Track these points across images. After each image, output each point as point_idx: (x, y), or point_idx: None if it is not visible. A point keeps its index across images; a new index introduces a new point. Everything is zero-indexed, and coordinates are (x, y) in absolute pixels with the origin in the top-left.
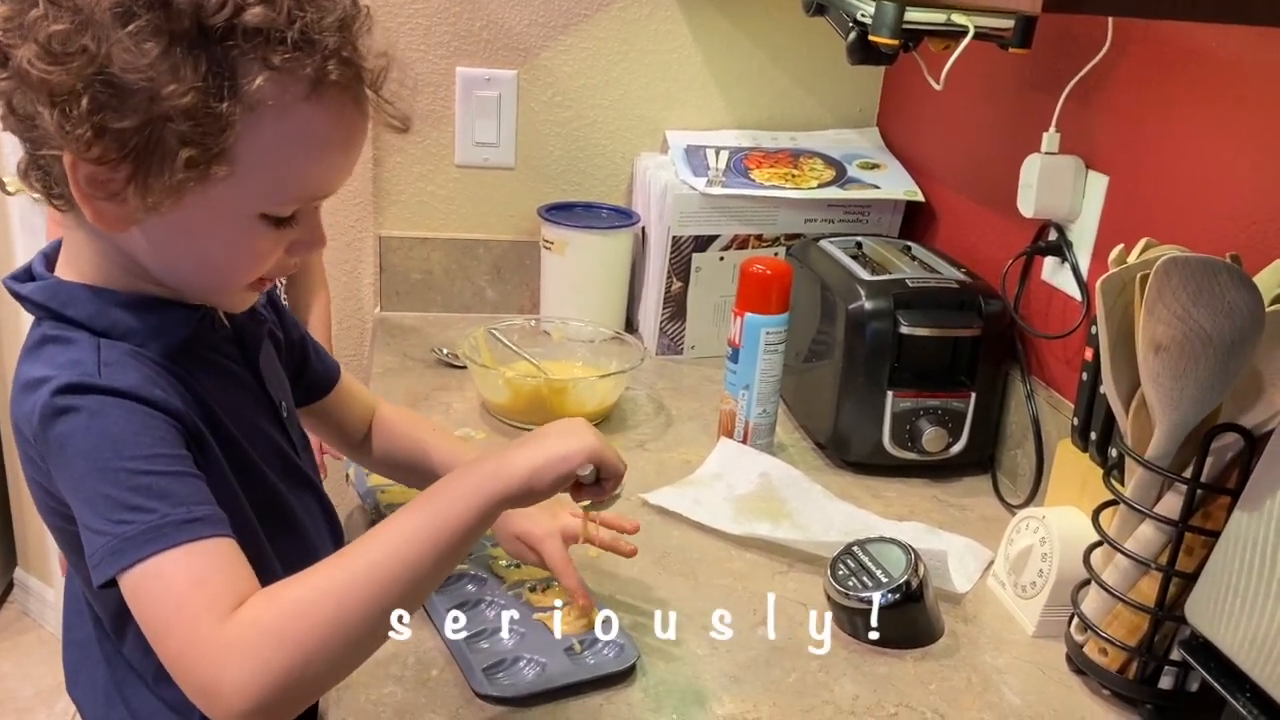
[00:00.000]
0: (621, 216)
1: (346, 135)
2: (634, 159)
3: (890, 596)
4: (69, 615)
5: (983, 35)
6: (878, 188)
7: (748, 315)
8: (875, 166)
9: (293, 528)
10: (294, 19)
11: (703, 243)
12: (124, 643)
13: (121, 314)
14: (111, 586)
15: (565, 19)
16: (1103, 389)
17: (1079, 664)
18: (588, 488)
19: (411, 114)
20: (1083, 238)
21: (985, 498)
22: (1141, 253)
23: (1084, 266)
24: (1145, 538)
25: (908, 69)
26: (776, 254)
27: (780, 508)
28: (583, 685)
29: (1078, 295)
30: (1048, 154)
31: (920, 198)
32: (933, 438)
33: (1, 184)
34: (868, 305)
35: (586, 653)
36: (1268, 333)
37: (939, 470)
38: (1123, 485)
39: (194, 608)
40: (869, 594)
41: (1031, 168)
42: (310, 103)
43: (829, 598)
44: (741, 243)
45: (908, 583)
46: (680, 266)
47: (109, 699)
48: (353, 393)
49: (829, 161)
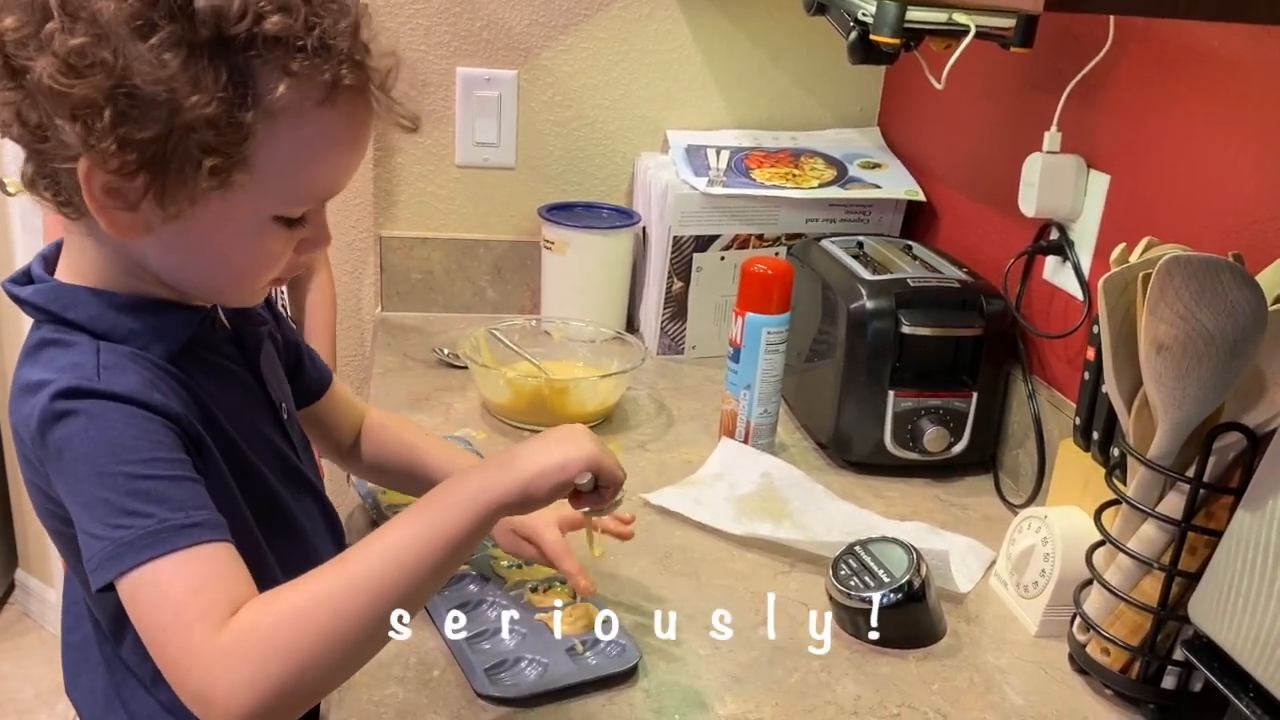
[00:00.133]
0: (622, 216)
1: (357, 136)
2: (635, 159)
3: (892, 596)
4: (68, 617)
5: (984, 34)
6: (879, 187)
7: (749, 315)
8: (876, 166)
9: (292, 531)
10: (311, 25)
11: (704, 242)
12: (122, 645)
13: (123, 316)
14: (109, 591)
15: (565, 19)
16: (1105, 388)
17: (1081, 664)
18: (586, 495)
19: (420, 113)
20: (1084, 237)
21: (987, 497)
22: (1143, 252)
23: (1085, 266)
24: (1148, 537)
25: (909, 68)
26: (777, 254)
27: (782, 508)
28: (584, 686)
29: (1079, 294)
30: (1049, 153)
31: (921, 197)
32: (934, 437)
33: (2, 185)
34: (869, 305)
35: (588, 653)
36: (1270, 332)
37: (941, 470)
38: (1125, 485)
39: (190, 615)
40: (870, 594)
41: (1033, 167)
42: (325, 107)
43: (831, 598)
44: (742, 242)
45: (910, 582)
46: (681, 266)
47: (108, 701)
48: (343, 399)
49: (830, 161)
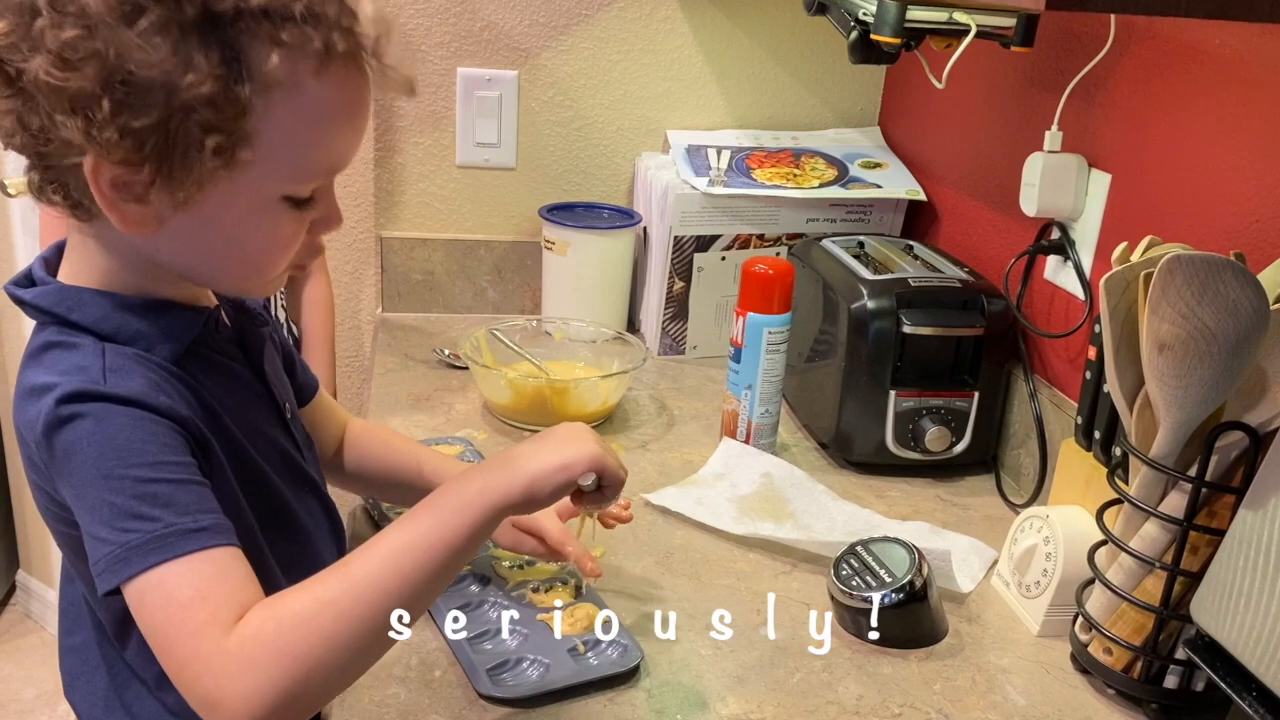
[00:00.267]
0: (623, 216)
1: (355, 105)
2: (635, 159)
3: (894, 596)
4: (66, 620)
5: (985, 34)
6: (879, 187)
7: (750, 315)
8: (877, 166)
9: (295, 533)
10: None
11: (704, 242)
12: (126, 648)
13: (128, 317)
14: (115, 595)
15: (566, 19)
16: (1106, 388)
17: (1083, 663)
18: (588, 495)
19: (414, 76)
20: (1085, 236)
21: (989, 497)
22: (1145, 251)
23: (1087, 265)
24: (1150, 537)
25: (909, 68)
26: (778, 254)
27: (783, 508)
28: (586, 686)
29: (1080, 294)
30: (1050, 152)
31: (922, 197)
32: (936, 437)
33: (3, 186)
34: (870, 305)
35: (590, 653)
36: (1272, 331)
37: (942, 470)
38: (1127, 484)
39: (197, 620)
40: (871, 594)
41: (1034, 166)
42: (319, 77)
43: (832, 598)
44: (743, 242)
45: (911, 582)
46: (682, 266)
47: (108, 704)
48: (328, 407)
49: (831, 161)
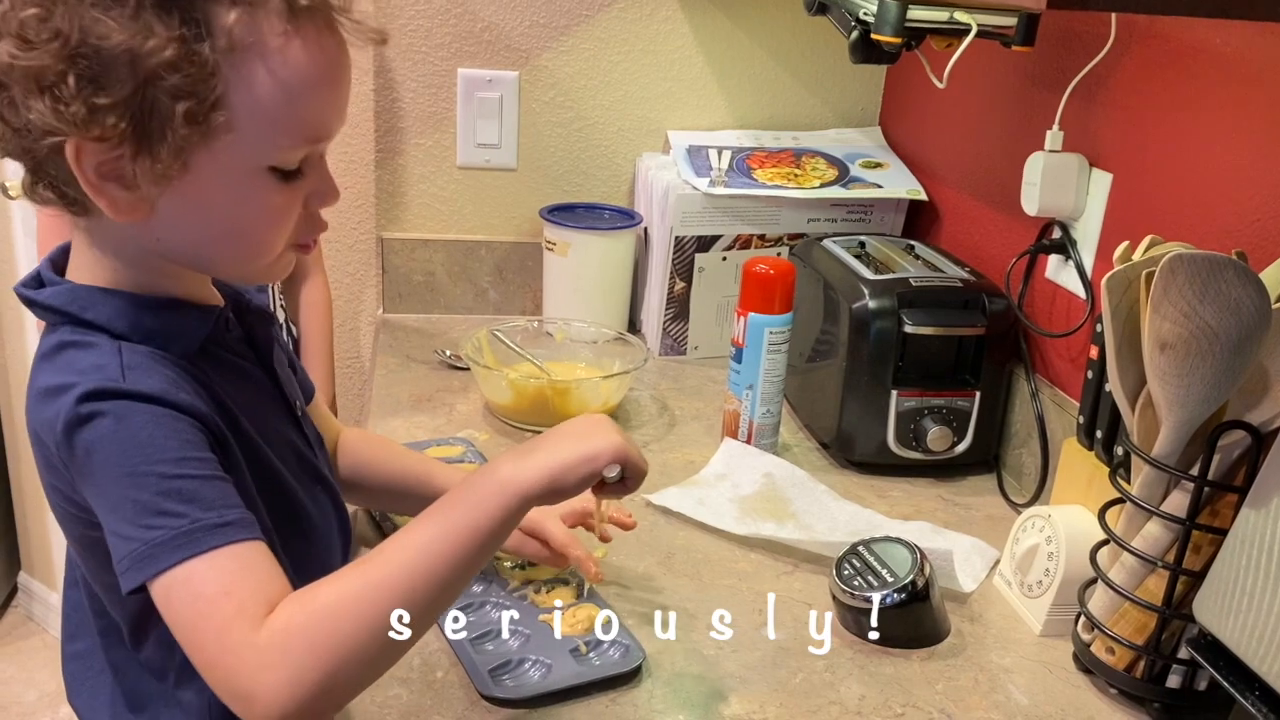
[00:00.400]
0: (624, 217)
1: (330, 66)
2: (636, 159)
3: (896, 596)
4: (69, 626)
5: (985, 33)
6: (880, 187)
7: (751, 315)
8: (878, 166)
9: (306, 531)
10: None
11: (705, 243)
12: (142, 649)
13: (142, 316)
14: (138, 593)
15: (566, 20)
16: (1108, 387)
17: (1086, 663)
18: (611, 486)
19: (386, 29)
20: (1087, 236)
21: (990, 497)
22: (1146, 250)
23: (1088, 264)
24: (1152, 536)
25: (910, 68)
26: (779, 254)
27: (785, 508)
28: (588, 687)
29: (1082, 293)
30: (1051, 152)
31: (923, 196)
32: (937, 437)
33: (3, 188)
34: (871, 304)
35: (592, 654)
36: (1274, 330)
37: (944, 469)
38: (1129, 483)
39: (227, 614)
40: (872, 594)
41: (1035, 166)
42: (288, 36)
43: (834, 598)
44: (744, 243)
45: (913, 582)
46: (683, 267)
47: (114, 710)
48: (322, 414)
49: (831, 161)
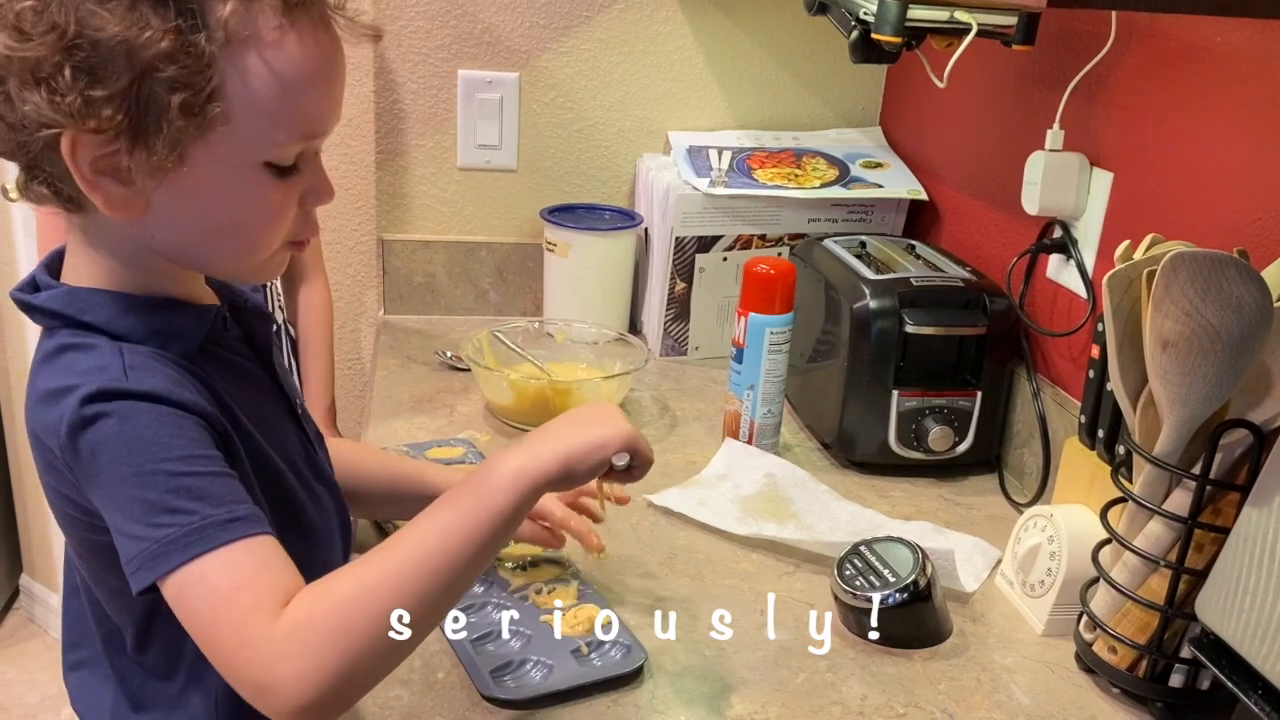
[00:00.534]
0: (624, 218)
1: (325, 61)
2: (636, 160)
3: (898, 596)
4: (71, 636)
5: (986, 32)
6: (881, 187)
7: (752, 315)
8: (878, 165)
9: (308, 530)
10: None
11: (706, 243)
12: (146, 651)
13: (140, 317)
14: (149, 593)
15: (566, 21)
16: (1110, 386)
17: (1088, 662)
18: (617, 473)
19: (381, 26)
20: (1088, 235)
21: (992, 496)
22: (1148, 249)
23: (1089, 264)
24: (1154, 535)
25: (910, 67)
26: (780, 254)
27: (786, 508)
28: (590, 687)
29: (1083, 292)
30: (1052, 151)
31: (924, 196)
32: (939, 437)
33: (3, 190)
34: (872, 304)
35: (593, 654)
36: (1276, 328)
37: (945, 469)
38: (1131, 483)
39: (243, 608)
40: (873, 594)
41: (1035, 165)
42: (283, 31)
43: (836, 598)
44: (745, 243)
45: (915, 582)
46: (684, 267)
47: (117, 717)
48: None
49: (832, 161)
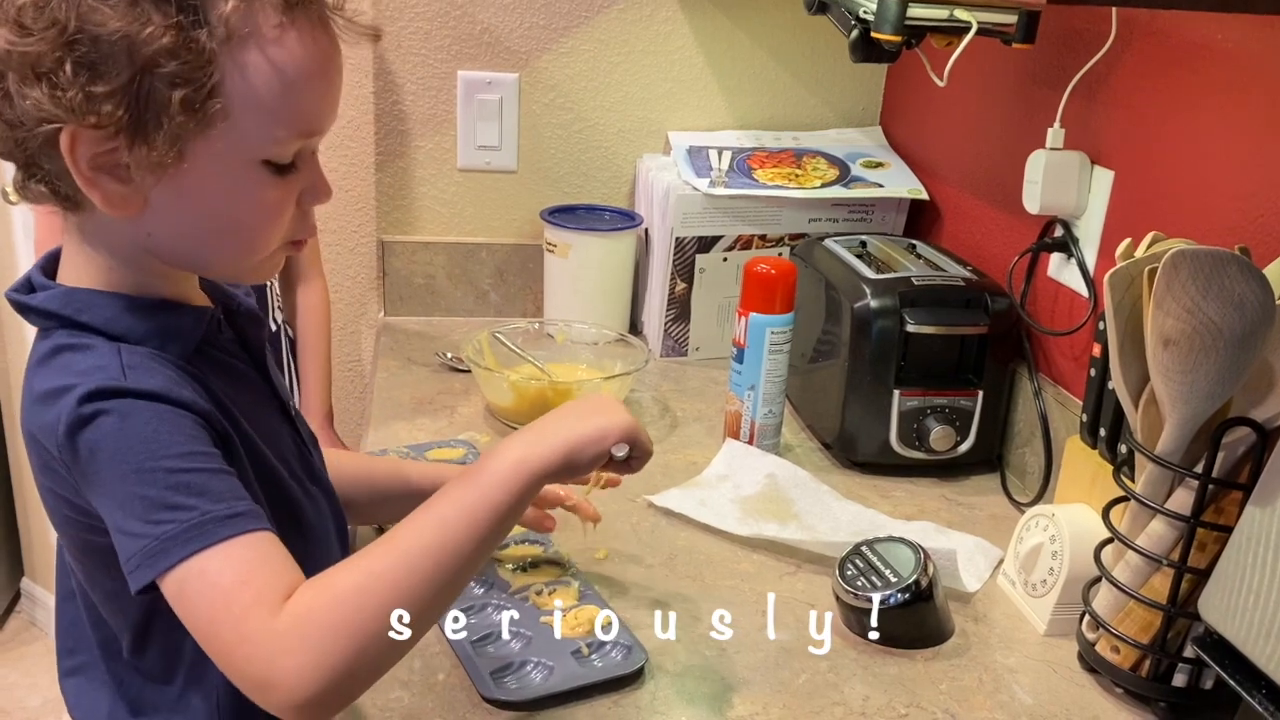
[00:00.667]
0: (624, 218)
1: (323, 59)
2: (636, 160)
3: (900, 596)
4: (67, 640)
5: (986, 31)
6: (882, 186)
7: (752, 315)
8: (879, 165)
9: (305, 530)
10: None
11: (706, 243)
12: (144, 653)
13: (137, 318)
14: (148, 592)
15: (566, 21)
16: (1111, 385)
17: (1091, 662)
18: (616, 464)
19: (380, 26)
20: (1089, 233)
21: (994, 496)
22: (1149, 246)
23: (1090, 262)
24: (1157, 534)
25: (911, 67)
26: (780, 254)
27: (787, 508)
28: (591, 688)
29: (1084, 291)
30: (1053, 150)
31: (925, 196)
32: (940, 436)
33: (4, 193)
34: (873, 304)
35: (594, 655)
36: (1278, 325)
37: (947, 469)
38: (1133, 481)
39: (243, 603)
40: (874, 594)
41: (1036, 164)
42: (283, 28)
43: (837, 598)
44: (745, 243)
45: (917, 582)
46: (684, 268)
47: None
48: None
49: (832, 161)
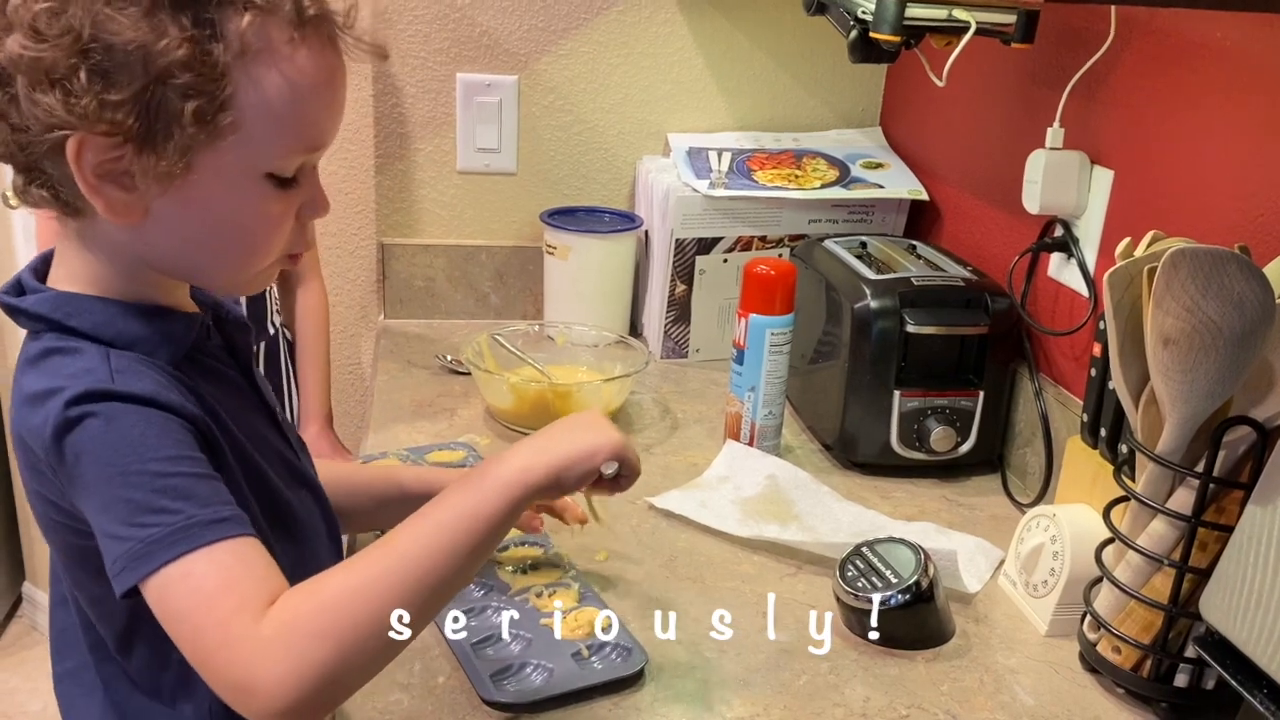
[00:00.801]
0: (624, 220)
1: (331, 74)
2: (636, 162)
3: (900, 597)
4: (59, 645)
5: (985, 31)
6: (882, 187)
7: (752, 316)
8: (879, 166)
9: (295, 533)
10: None
11: (706, 245)
12: (130, 660)
13: (128, 322)
14: (132, 596)
15: (565, 23)
16: (1112, 384)
17: (1092, 663)
18: (605, 483)
19: (388, 44)
20: (1089, 233)
21: (995, 497)
22: (1149, 245)
23: (1090, 262)
24: (1157, 534)
25: (910, 67)
26: (780, 255)
27: (788, 509)
28: (591, 690)
29: (1084, 291)
30: (1052, 149)
31: (925, 196)
32: (941, 437)
33: (4, 197)
34: (873, 304)
35: (594, 657)
36: (1278, 324)
37: (948, 470)
38: (1134, 481)
39: (227, 608)
40: (874, 594)
41: (1036, 164)
42: (294, 45)
43: (838, 599)
44: (745, 244)
45: (917, 583)
46: (684, 269)
47: None
48: None
49: (832, 162)
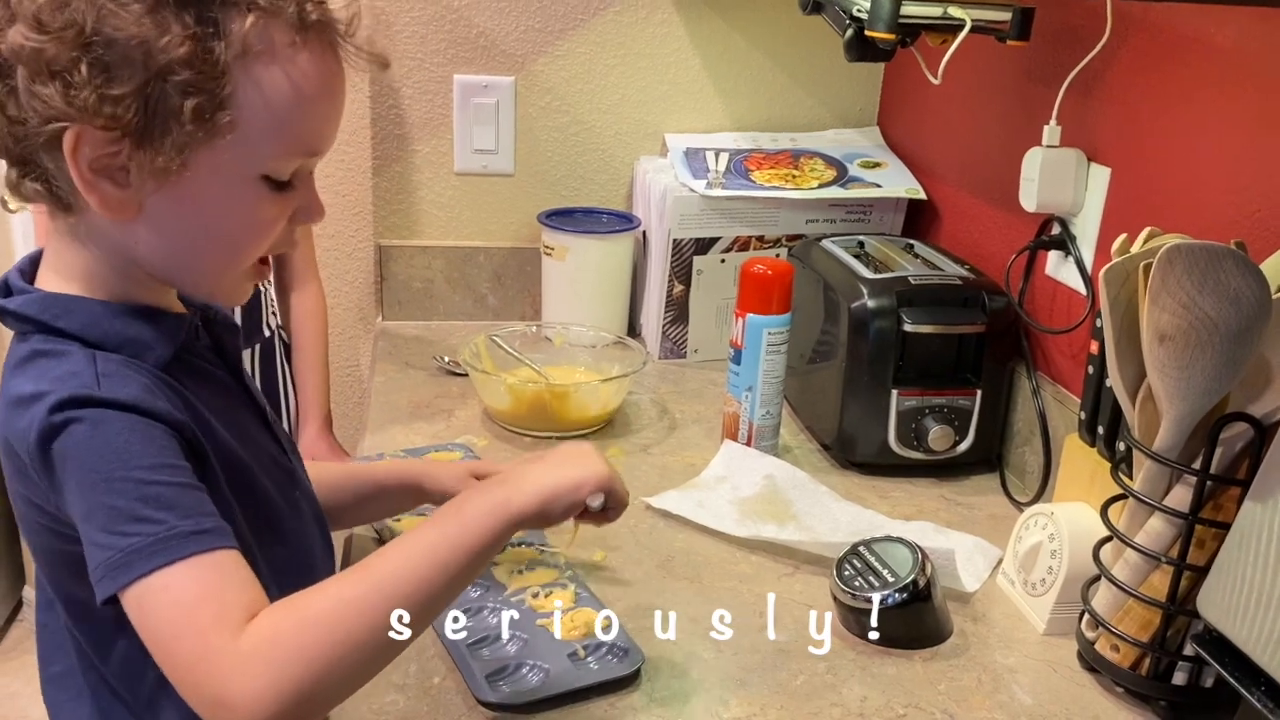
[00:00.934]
0: (622, 221)
1: (330, 83)
2: (633, 163)
3: (898, 596)
4: (46, 648)
5: (980, 28)
6: (879, 186)
7: (749, 316)
8: (876, 165)
9: (285, 537)
10: None
11: (704, 245)
12: (108, 666)
13: (115, 324)
14: (114, 603)
15: (562, 24)
16: (1109, 382)
17: (1091, 661)
18: (593, 515)
19: (389, 53)
20: (1086, 231)
21: (993, 495)
22: (1145, 242)
23: (1088, 260)
24: (1155, 531)
25: (907, 66)
26: (778, 255)
27: (786, 509)
28: (587, 691)
29: (1082, 289)
30: (1049, 147)
31: (922, 195)
32: (939, 436)
33: (3, 202)
34: (871, 304)
35: (590, 658)
36: (1275, 320)
37: (946, 469)
38: (1131, 479)
39: (204, 621)
40: (873, 594)
41: (1033, 161)
42: (296, 48)
43: (835, 599)
44: (743, 244)
45: (915, 582)
46: (681, 269)
47: None
48: None
49: (830, 161)
